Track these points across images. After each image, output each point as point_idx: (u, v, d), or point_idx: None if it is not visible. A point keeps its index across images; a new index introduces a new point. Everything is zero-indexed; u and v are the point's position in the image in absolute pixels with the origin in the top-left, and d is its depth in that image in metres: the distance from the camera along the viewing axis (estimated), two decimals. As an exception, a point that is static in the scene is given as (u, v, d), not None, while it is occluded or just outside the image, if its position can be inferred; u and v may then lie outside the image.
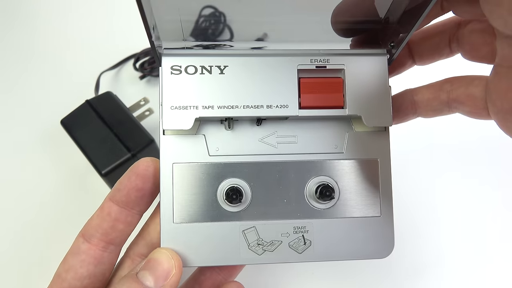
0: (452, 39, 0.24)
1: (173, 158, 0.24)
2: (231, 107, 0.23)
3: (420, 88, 0.25)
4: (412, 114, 0.25)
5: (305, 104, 0.23)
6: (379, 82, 0.23)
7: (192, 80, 0.23)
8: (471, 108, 0.23)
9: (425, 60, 0.25)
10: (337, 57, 0.23)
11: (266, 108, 0.23)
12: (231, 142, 0.24)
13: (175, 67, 0.23)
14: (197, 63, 0.23)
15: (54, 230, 0.36)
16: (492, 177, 0.38)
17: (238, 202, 0.23)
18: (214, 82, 0.23)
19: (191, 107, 0.23)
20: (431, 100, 0.24)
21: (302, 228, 0.24)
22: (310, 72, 0.23)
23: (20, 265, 0.35)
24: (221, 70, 0.23)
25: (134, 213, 0.24)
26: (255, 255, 0.23)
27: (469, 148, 0.39)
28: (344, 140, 0.24)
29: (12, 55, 0.46)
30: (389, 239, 0.24)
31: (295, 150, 0.24)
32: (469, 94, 0.23)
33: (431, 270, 0.35)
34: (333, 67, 0.23)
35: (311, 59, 0.23)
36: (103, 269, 0.24)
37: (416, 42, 0.25)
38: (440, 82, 0.24)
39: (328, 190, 0.23)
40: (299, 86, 0.23)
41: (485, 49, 0.22)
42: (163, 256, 0.22)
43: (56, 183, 0.39)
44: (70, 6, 0.47)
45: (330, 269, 0.35)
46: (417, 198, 0.37)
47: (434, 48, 0.24)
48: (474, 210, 0.37)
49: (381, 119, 0.23)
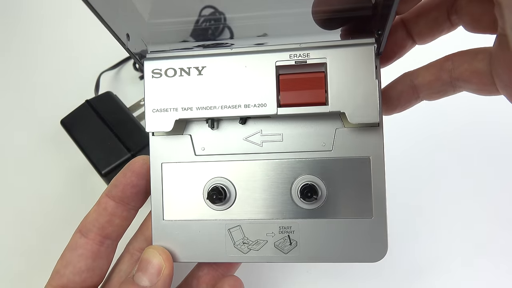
0: (450, 11, 0.22)
1: (162, 158, 0.24)
2: (210, 108, 0.23)
3: (419, 70, 0.23)
4: (415, 99, 0.24)
5: (284, 101, 0.22)
6: (365, 74, 0.22)
7: (171, 83, 0.23)
8: (477, 86, 0.21)
9: (425, 37, 0.23)
10: (319, 51, 0.22)
11: (244, 107, 0.22)
12: (216, 141, 0.24)
13: (155, 71, 0.23)
14: (176, 65, 0.23)
15: (54, 230, 0.36)
16: (491, 177, 0.38)
17: (220, 202, 0.23)
18: (193, 83, 0.23)
19: (171, 109, 0.23)
20: (433, 82, 0.22)
21: (288, 228, 0.23)
22: (290, 68, 0.22)
23: (19, 264, 0.35)
24: (199, 71, 0.23)
25: (130, 208, 0.25)
26: (241, 253, 0.24)
27: (469, 146, 0.39)
28: (333, 137, 0.23)
29: (12, 55, 0.46)
30: (382, 242, 0.23)
31: (280, 149, 0.24)
32: (473, 70, 0.21)
33: (427, 273, 0.35)
34: (314, 61, 0.22)
35: (290, 55, 0.22)
36: (100, 263, 0.24)
37: (412, 20, 0.23)
38: (440, 61, 0.23)
39: (311, 191, 0.22)
40: (278, 83, 0.22)
41: (486, 18, 0.20)
42: (151, 255, 0.23)
43: (56, 183, 0.39)
44: (70, 6, 0.47)
45: (326, 268, 0.35)
46: (412, 199, 0.37)
47: (433, 23, 0.22)
48: (472, 210, 0.37)
49: (367, 115, 0.22)
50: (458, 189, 0.38)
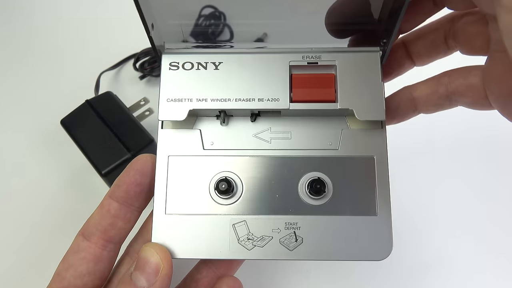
0: (448, 35, 0.24)
1: (169, 151, 0.24)
2: (224, 100, 0.23)
3: (418, 84, 0.25)
4: (413, 112, 0.25)
5: (296, 98, 0.23)
6: (372, 76, 0.24)
7: (188, 75, 0.24)
8: (472, 99, 0.23)
9: (423, 59, 0.25)
10: (329, 54, 0.24)
11: (258, 101, 0.23)
12: (225, 137, 0.24)
13: (173, 63, 0.24)
14: (193, 59, 0.24)
15: (54, 230, 0.36)
16: (495, 175, 0.38)
17: (229, 194, 0.23)
18: (209, 76, 0.24)
19: (186, 100, 0.24)
20: (430, 95, 0.24)
21: (294, 224, 0.23)
22: (302, 68, 0.24)
23: (20, 265, 0.35)
24: (216, 66, 0.24)
25: (133, 210, 0.24)
26: (245, 249, 0.23)
27: (472, 144, 0.38)
28: (339, 137, 0.24)
29: (12, 55, 0.46)
30: (387, 240, 0.23)
31: (289, 146, 0.24)
32: (468, 84, 0.22)
33: (432, 272, 0.35)
34: (324, 63, 0.24)
35: (303, 56, 0.24)
36: (102, 267, 0.24)
37: (412, 41, 0.25)
38: (438, 76, 0.24)
39: (319, 183, 0.23)
40: (290, 81, 0.24)
41: (479, 39, 0.22)
42: (148, 253, 0.22)
43: (56, 183, 0.39)
44: (70, 6, 0.47)
45: (328, 269, 0.35)
46: (417, 197, 0.37)
47: (430, 45, 0.24)
48: (477, 209, 0.37)
49: (373, 112, 0.23)
50: (462, 187, 0.38)
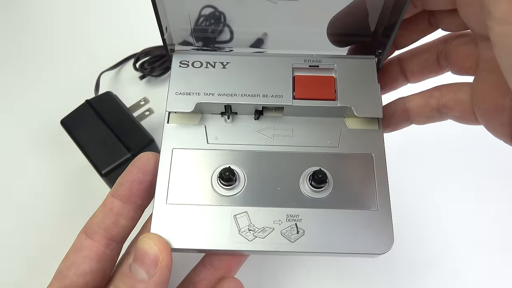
0: (440, 55, 0.25)
1: (173, 144, 0.25)
2: (230, 95, 0.25)
3: (412, 96, 0.26)
4: (406, 121, 0.27)
5: (299, 96, 0.25)
6: (369, 78, 0.26)
7: (197, 72, 0.26)
8: (460, 113, 0.24)
9: (416, 76, 0.27)
10: (329, 59, 0.26)
11: (262, 97, 0.25)
12: (229, 132, 0.26)
13: (183, 62, 0.26)
14: (203, 59, 0.26)
15: (54, 230, 0.36)
16: (494, 170, 0.38)
17: (232, 183, 0.24)
18: (217, 74, 0.26)
19: (194, 93, 0.25)
20: (423, 106, 0.25)
21: (296, 216, 0.24)
22: (304, 70, 0.26)
23: (20, 264, 0.35)
24: (224, 65, 0.26)
25: (136, 208, 0.24)
26: (246, 240, 0.23)
27: (471, 140, 0.38)
28: (338, 136, 0.26)
29: (11, 55, 0.46)
30: (388, 233, 0.23)
31: (290, 143, 0.25)
32: (457, 99, 0.24)
33: (432, 268, 0.35)
34: (325, 67, 0.26)
35: (305, 59, 0.26)
36: (105, 265, 0.24)
37: (407, 59, 0.27)
38: (430, 90, 0.25)
39: (321, 173, 0.23)
40: (293, 81, 0.26)
41: (469, 60, 0.23)
42: (146, 245, 0.22)
43: (56, 183, 0.39)
44: (70, 6, 0.47)
45: (328, 269, 0.35)
46: (417, 193, 0.37)
47: (424, 64, 0.26)
48: (476, 204, 0.37)
49: (371, 110, 0.25)
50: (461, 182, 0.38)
